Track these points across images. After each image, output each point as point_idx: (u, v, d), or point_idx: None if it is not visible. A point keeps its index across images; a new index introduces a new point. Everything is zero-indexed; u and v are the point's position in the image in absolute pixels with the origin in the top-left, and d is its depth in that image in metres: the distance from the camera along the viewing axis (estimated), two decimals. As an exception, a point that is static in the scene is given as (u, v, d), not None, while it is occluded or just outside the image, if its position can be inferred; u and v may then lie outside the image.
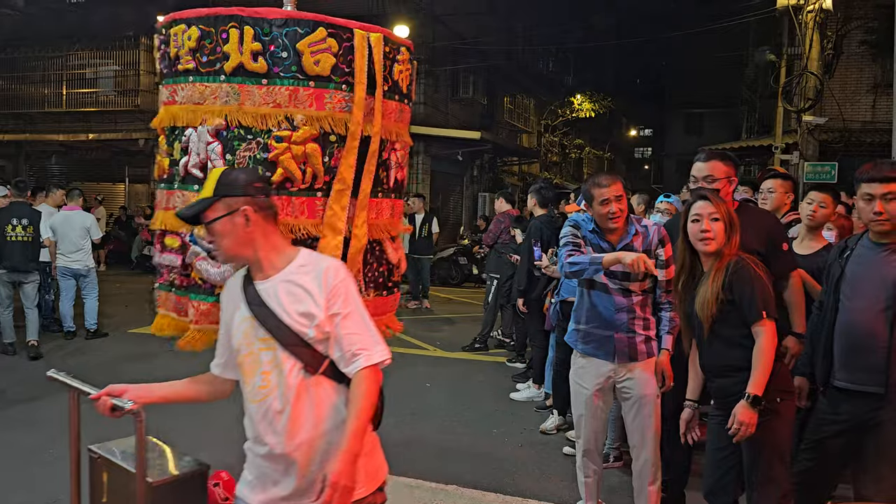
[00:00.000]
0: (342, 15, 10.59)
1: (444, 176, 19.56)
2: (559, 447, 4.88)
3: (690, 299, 2.89)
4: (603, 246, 3.39)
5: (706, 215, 2.81)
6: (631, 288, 3.38)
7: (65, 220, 8.24)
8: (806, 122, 13.40)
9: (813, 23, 12.60)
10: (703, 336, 2.84)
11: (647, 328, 3.42)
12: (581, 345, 3.55)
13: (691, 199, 2.96)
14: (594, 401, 3.49)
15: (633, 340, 3.39)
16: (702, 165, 3.46)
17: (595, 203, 3.36)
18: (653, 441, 3.43)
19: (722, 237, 2.79)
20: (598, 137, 34.10)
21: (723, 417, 2.80)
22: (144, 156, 20.00)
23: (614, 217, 3.34)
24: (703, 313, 2.79)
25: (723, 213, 2.81)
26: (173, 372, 6.93)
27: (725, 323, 2.78)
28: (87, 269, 8.38)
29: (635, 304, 3.39)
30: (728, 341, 2.79)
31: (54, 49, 19.89)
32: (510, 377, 6.79)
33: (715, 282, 2.76)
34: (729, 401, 2.77)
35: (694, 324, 2.91)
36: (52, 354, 7.56)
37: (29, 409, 5.61)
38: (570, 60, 28.96)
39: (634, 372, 3.41)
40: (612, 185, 3.33)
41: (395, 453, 4.65)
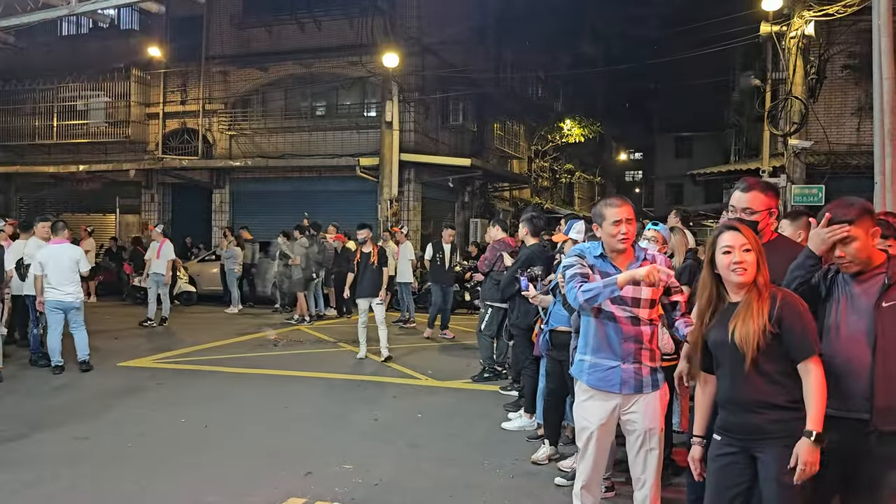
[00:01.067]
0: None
1: (436, 203, 19.62)
2: (551, 478, 4.84)
3: (719, 330, 2.80)
4: (610, 272, 3.39)
5: (738, 246, 2.77)
6: (640, 315, 3.37)
7: (52, 254, 8.23)
8: (792, 146, 13.55)
9: (796, 48, 12.82)
10: (743, 370, 2.71)
11: (653, 359, 3.42)
12: (586, 376, 3.48)
13: (718, 230, 2.90)
14: (598, 435, 3.46)
15: (640, 371, 3.38)
16: (742, 196, 3.46)
17: (606, 223, 3.39)
18: (655, 474, 3.42)
19: (754, 268, 2.75)
20: (589, 162, 34.35)
21: (736, 454, 2.74)
22: (135, 186, 20.06)
23: (624, 238, 3.36)
24: (746, 346, 2.68)
25: (753, 244, 2.78)
26: (165, 406, 6.97)
27: (769, 358, 2.68)
28: (78, 301, 8.40)
29: (643, 333, 3.39)
30: (769, 377, 2.70)
31: (45, 81, 20.01)
32: (502, 406, 6.77)
33: (760, 314, 2.68)
34: (754, 439, 2.70)
35: (722, 356, 2.82)
36: (38, 389, 7.49)
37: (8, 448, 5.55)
38: (559, 86, 29.25)
39: (639, 404, 3.39)
40: (623, 206, 3.39)
41: (385, 487, 4.64)
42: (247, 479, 4.81)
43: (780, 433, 2.66)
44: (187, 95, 19.78)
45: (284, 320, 12.92)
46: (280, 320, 13.03)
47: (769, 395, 2.69)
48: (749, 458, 2.75)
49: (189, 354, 9.61)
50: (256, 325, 12.28)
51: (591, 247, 3.54)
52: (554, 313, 5.04)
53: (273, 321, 12.90)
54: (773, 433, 2.66)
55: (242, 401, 7.15)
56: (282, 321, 12.89)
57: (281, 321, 12.88)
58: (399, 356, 9.40)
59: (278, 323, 12.69)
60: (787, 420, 2.66)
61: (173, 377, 8.20)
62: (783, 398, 2.67)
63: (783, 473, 2.61)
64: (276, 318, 13.30)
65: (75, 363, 8.32)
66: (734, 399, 2.79)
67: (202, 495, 4.49)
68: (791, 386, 2.68)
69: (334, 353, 9.89)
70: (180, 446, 5.59)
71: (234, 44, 19.32)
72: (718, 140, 34.21)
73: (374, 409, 6.82)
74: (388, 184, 16.86)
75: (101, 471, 4.99)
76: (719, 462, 2.83)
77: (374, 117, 18.32)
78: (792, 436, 2.62)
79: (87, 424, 6.15)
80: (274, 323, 12.66)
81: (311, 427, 6.23)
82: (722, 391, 2.85)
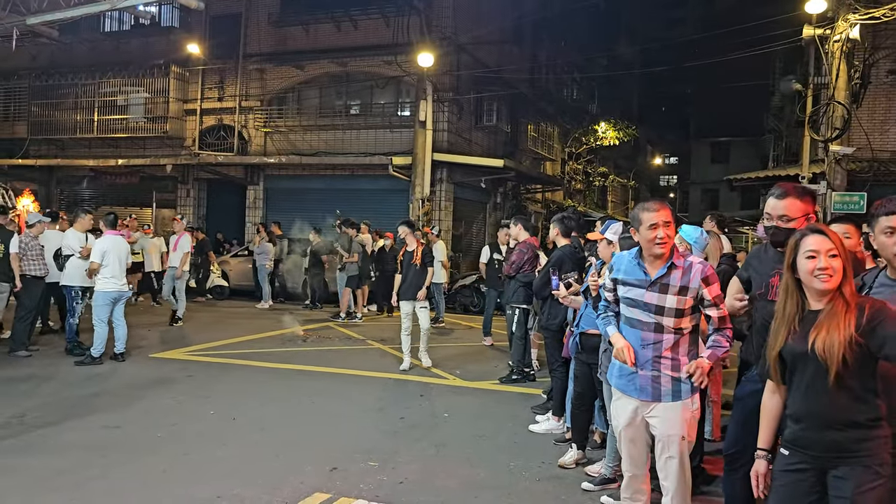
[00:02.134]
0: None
1: (467, 203, 19.59)
2: (577, 482, 4.78)
3: (798, 340, 2.62)
4: (639, 277, 3.38)
5: (824, 251, 2.58)
6: (664, 323, 3.33)
7: (115, 244, 8.46)
8: (833, 152, 13.24)
9: (840, 52, 12.51)
10: (825, 384, 2.52)
11: (676, 368, 3.35)
12: (615, 379, 3.54)
13: (801, 233, 2.70)
14: (626, 433, 3.49)
15: (658, 380, 3.35)
16: (777, 203, 3.39)
17: (642, 227, 3.34)
18: (677, 483, 3.35)
19: (840, 275, 2.57)
20: (623, 165, 34.02)
21: (806, 471, 2.59)
22: (171, 181, 20.37)
23: (661, 242, 3.30)
24: (830, 358, 2.50)
25: (840, 250, 2.60)
26: (194, 398, 7.06)
27: (854, 372, 2.50)
28: (129, 293, 8.91)
29: (664, 341, 3.33)
30: (853, 393, 2.52)
31: (87, 76, 20.41)
32: (529, 408, 6.71)
33: (847, 324, 2.49)
34: (831, 456, 2.54)
35: (799, 368, 2.63)
36: (72, 378, 7.62)
37: (48, 434, 5.65)
38: (595, 88, 29.01)
39: (658, 409, 3.36)
40: (660, 210, 3.33)
41: (410, 486, 4.62)
42: (273, 473, 4.83)
43: (861, 452, 2.50)
44: (224, 92, 20.03)
45: (330, 317, 12.99)
46: (311, 316, 13.11)
47: (852, 412, 2.52)
48: (819, 475, 2.59)
49: (219, 348, 9.71)
50: (286, 320, 12.34)
51: (630, 252, 3.51)
52: (584, 316, 4.98)
53: (305, 317, 12.98)
54: (853, 451, 2.50)
55: (270, 395, 7.20)
56: (321, 317, 12.98)
57: (312, 317, 12.96)
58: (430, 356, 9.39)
59: (312, 319, 12.76)
60: (868, 439, 2.50)
61: (204, 370, 8.29)
62: (865, 416, 2.51)
63: (859, 493, 2.46)
64: (309, 315, 13.39)
65: (108, 353, 8.46)
66: (812, 414, 2.60)
67: (229, 487, 4.52)
68: (873, 403, 2.52)
69: (362, 351, 9.91)
70: (208, 438, 5.64)
71: (272, 42, 19.52)
72: (756, 145, 33.66)
73: (401, 407, 6.81)
74: (421, 183, 16.87)
75: (130, 459, 5.05)
76: (787, 478, 2.66)
77: (407, 116, 18.35)
78: (872, 455, 2.48)
79: (119, 414, 6.24)
80: (308, 319, 12.74)
81: (337, 423, 6.24)
82: (796, 405, 2.66)
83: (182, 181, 20.45)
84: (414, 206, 16.97)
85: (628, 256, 3.49)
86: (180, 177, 20.35)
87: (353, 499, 4.39)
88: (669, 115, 41.88)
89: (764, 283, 3.57)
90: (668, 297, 3.31)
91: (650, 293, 3.34)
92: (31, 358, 8.52)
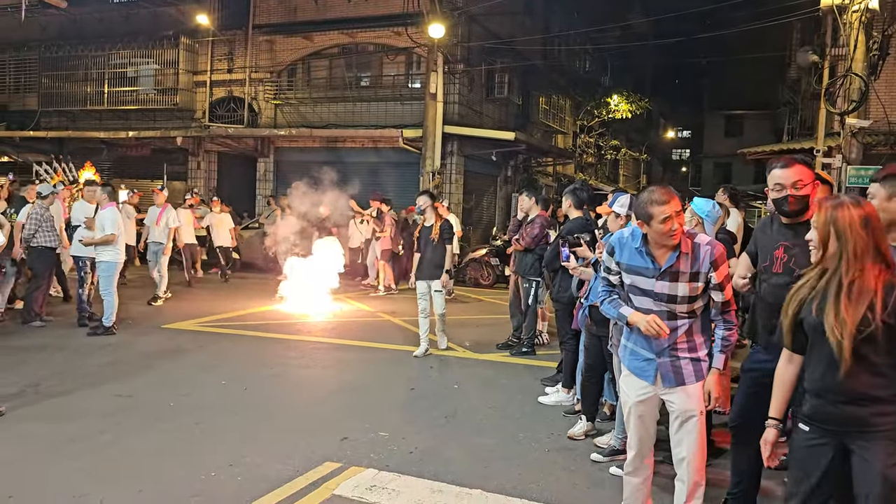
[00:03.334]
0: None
1: (478, 176, 19.49)
2: (587, 453, 4.79)
3: (819, 309, 2.55)
4: (646, 266, 3.26)
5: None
6: (677, 311, 3.25)
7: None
8: (850, 125, 13.03)
9: (858, 23, 12.25)
10: (841, 358, 2.46)
11: (693, 349, 3.29)
12: (627, 360, 3.46)
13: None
14: (637, 409, 3.43)
15: (678, 364, 3.28)
16: (786, 172, 3.36)
17: (654, 222, 3.16)
18: (695, 458, 3.32)
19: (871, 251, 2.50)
20: (635, 139, 33.72)
21: (826, 445, 2.56)
22: (182, 153, 20.36)
23: (675, 234, 3.18)
24: (845, 335, 2.44)
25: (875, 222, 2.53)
26: (206, 368, 7.12)
27: (878, 348, 2.45)
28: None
29: (679, 328, 3.27)
30: (875, 368, 2.47)
31: (97, 48, 20.34)
32: (539, 380, 6.72)
33: (874, 301, 2.43)
34: (853, 431, 2.51)
35: (821, 341, 2.54)
36: (85, 348, 7.69)
37: (61, 402, 5.71)
38: (607, 60, 28.65)
39: (678, 391, 3.31)
40: (671, 201, 3.14)
41: (420, 455, 4.65)
42: (283, 442, 4.87)
43: (884, 426, 2.46)
44: (234, 64, 19.92)
45: (372, 291, 13.06)
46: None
47: (874, 387, 2.47)
48: (840, 449, 2.55)
49: (231, 319, 9.77)
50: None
51: (631, 237, 3.35)
52: (594, 288, 4.95)
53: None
54: (877, 426, 2.46)
55: (281, 365, 7.24)
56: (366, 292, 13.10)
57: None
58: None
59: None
60: (891, 413, 2.46)
61: (215, 340, 8.35)
62: (888, 391, 2.47)
63: (888, 467, 2.44)
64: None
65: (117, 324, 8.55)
66: (833, 388, 2.54)
67: (240, 455, 4.56)
68: (895, 378, 2.48)
69: (373, 323, 9.94)
70: (220, 407, 5.68)
71: (281, 12, 19.35)
72: (771, 119, 33.27)
73: (411, 379, 6.84)
74: (431, 156, 16.78)
75: (143, 427, 5.10)
76: (808, 453, 2.62)
77: (418, 88, 18.20)
78: (894, 428, 2.45)
79: (131, 383, 6.30)
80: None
81: (347, 394, 6.28)
82: (817, 378, 2.60)
83: (193, 154, 20.43)
84: (424, 178, 16.89)
85: (630, 243, 3.33)
86: (191, 149, 20.33)
87: (363, 468, 4.42)
88: (683, 87, 41.30)
89: (768, 256, 3.53)
90: (679, 286, 3.20)
91: (661, 283, 3.23)
92: (45, 328, 8.61)
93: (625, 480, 3.64)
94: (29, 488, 4.00)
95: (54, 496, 3.91)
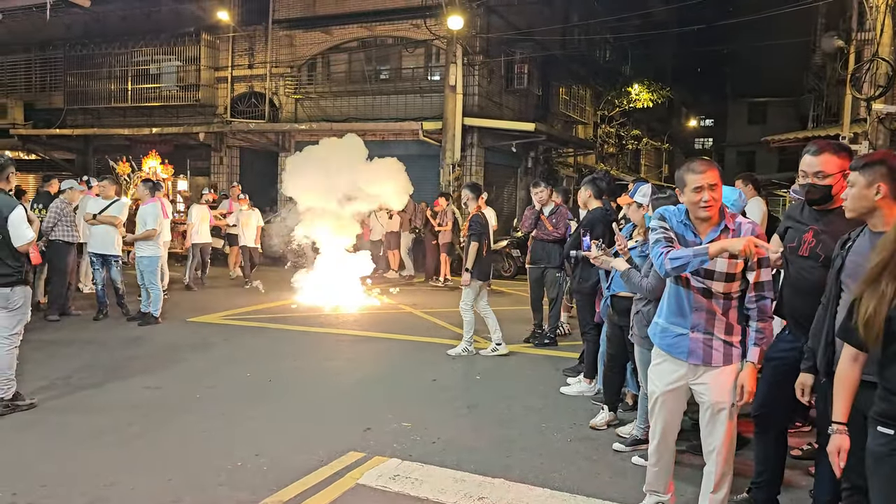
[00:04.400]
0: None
1: (498, 168, 19.44)
2: (608, 443, 4.80)
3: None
4: (689, 239, 3.24)
5: None
6: (713, 289, 3.21)
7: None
8: (876, 111, 12.82)
9: (885, 6, 12.05)
10: None
11: (729, 333, 3.24)
12: (658, 339, 3.44)
13: None
14: (664, 400, 3.43)
15: (710, 343, 3.24)
16: (812, 160, 3.34)
17: (687, 189, 3.20)
18: (724, 449, 3.30)
19: None
20: (657, 128, 33.38)
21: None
22: (205, 149, 20.55)
23: (706, 206, 3.16)
24: None
25: None
26: (231, 360, 7.19)
27: None
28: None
29: (716, 306, 3.23)
30: None
31: (120, 46, 20.56)
32: (561, 371, 6.73)
33: None
34: None
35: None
36: (113, 341, 7.82)
37: (92, 394, 5.82)
38: (627, 49, 28.38)
39: (708, 376, 3.27)
40: (706, 172, 3.16)
41: (442, 445, 4.69)
42: (308, 433, 4.93)
43: None
44: (254, 59, 20.04)
45: (432, 284, 13.36)
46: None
47: None
48: None
49: (255, 312, 9.88)
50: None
51: (677, 211, 3.35)
52: (616, 279, 4.94)
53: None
54: None
55: (305, 357, 7.32)
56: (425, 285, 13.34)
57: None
58: (458, 318, 9.44)
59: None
60: None
61: (239, 333, 8.45)
62: None
63: None
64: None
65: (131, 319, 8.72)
66: None
67: (266, 446, 4.63)
68: None
69: (396, 315, 10.00)
70: (245, 399, 5.76)
71: (300, 7, 19.41)
72: (795, 106, 32.74)
73: (433, 369, 6.88)
74: (451, 148, 16.77)
75: (170, 419, 5.19)
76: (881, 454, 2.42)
77: (437, 81, 18.18)
78: None
79: (158, 375, 6.40)
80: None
81: (370, 385, 6.33)
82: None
83: (215, 149, 20.61)
84: (445, 171, 16.91)
85: (677, 215, 3.33)
86: (213, 145, 20.50)
87: (387, 458, 4.46)
88: (705, 75, 40.72)
89: (797, 238, 3.53)
90: (718, 261, 3.16)
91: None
92: (73, 322, 8.77)
93: (648, 469, 3.65)
94: (61, 478, 4.10)
95: (86, 485, 4.00)
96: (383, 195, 11.45)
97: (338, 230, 11.19)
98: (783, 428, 3.80)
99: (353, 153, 10.80)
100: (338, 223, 11.16)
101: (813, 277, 3.34)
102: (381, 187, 11.04)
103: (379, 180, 10.92)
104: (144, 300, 8.78)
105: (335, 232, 11.17)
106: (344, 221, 11.25)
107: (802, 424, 5.07)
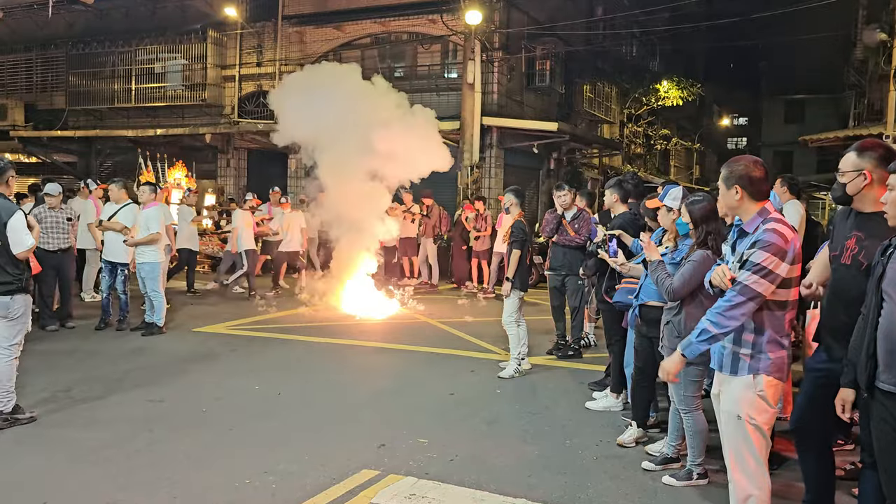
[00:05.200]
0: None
1: (519, 170, 19.40)
2: (637, 461, 4.76)
3: None
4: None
5: None
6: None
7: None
8: (922, 108, 12.68)
9: (931, -4, 11.92)
10: None
11: (738, 343, 3.32)
12: None
13: None
14: (715, 403, 3.55)
15: (721, 352, 3.40)
16: (844, 158, 3.41)
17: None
18: (731, 458, 3.37)
19: None
20: (687, 127, 33.20)
21: None
22: (211, 151, 20.70)
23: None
24: None
25: None
26: (239, 372, 7.21)
27: None
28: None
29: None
30: None
31: (124, 44, 20.79)
32: (586, 384, 6.69)
33: None
34: None
35: None
36: (116, 352, 7.89)
37: (92, 408, 5.87)
38: (656, 45, 28.27)
39: (723, 385, 3.41)
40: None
41: (461, 463, 4.67)
42: (319, 449, 4.93)
43: None
44: (263, 57, 20.17)
45: (478, 292, 13.18)
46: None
47: None
48: None
49: (264, 322, 9.92)
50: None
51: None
52: (645, 286, 4.91)
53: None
54: None
55: (315, 370, 7.34)
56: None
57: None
58: (477, 329, 9.44)
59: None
60: None
61: (246, 344, 8.49)
62: None
63: None
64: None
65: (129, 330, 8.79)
66: None
67: (275, 462, 4.64)
68: None
69: (412, 326, 10.00)
70: (253, 412, 5.78)
71: (311, 2, 19.52)
72: (835, 103, 32.44)
73: (451, 383, 6.86)
74: (469, 149, 16.77)
75: (175, 433, 5.22)
76: None
77: (454, 79, 18.21)
78: None
79: (163, 388, 6.44)
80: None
81: (384, 399, 6.33)
82: None
83: (222, 151, 20.77)
84: (462, 173, 16.91)
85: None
86: (220, 146, 20.66)
87: (402, 476, 4.46)
88: (738, 71, 40.45)
89: (839, 246, 3.50)
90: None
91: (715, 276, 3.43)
92: (74, 332, 8.86)
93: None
94: (62, 494, 4.13)
95: (86, 502, 4.03)
96: (408, 164, 10.56)
97: (366, 207, 10.31)
98: (825, 445, 3.75)
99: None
100: (365, 198, 10.26)
101: (855, 286, 3.31)
102: (410, 153, 10.15)
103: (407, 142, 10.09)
104: (148, 309, 8.85)
105: (364, 210, 10.35)
106: (372, 195, 10.37)
107: (844, 442, 5.00)
